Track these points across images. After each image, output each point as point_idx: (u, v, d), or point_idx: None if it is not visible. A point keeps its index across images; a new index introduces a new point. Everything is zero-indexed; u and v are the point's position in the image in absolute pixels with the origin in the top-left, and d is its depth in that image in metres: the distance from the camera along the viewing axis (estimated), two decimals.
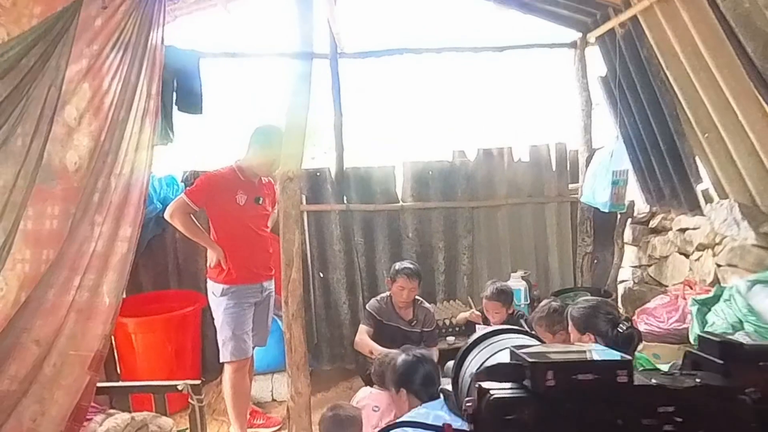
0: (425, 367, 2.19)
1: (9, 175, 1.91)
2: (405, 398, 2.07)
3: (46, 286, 1.97)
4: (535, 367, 0.63)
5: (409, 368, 2.17)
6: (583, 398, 0.61)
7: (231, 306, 3.01)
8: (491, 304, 3.36)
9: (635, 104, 3.59)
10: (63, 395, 1.84)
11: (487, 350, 0.82)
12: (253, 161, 3.04)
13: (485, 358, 0.80)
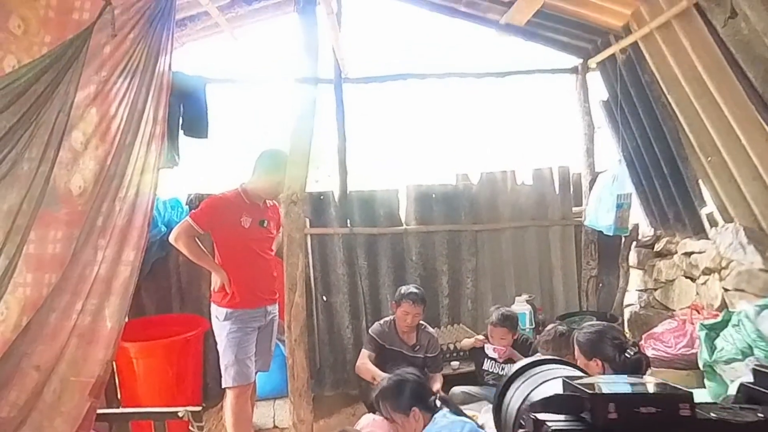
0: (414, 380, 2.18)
1: (15, 199, 1.92)
2: (419, 416, 2.05)
3: (48, 310, 1.96)
4: (595, 399, 0.62)
5: (402, 387, 2.15)
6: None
7: (234, 330, 2.98)
8: (497, 330, 3.33)
9: (637, 128, 3.61)
10: (62, 422, 1.81)
11: (531, 381, 0.82)
12: (258, 185, 3.05)
13: (531, 388, 0.79)
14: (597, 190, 3.91)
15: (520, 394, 0.79)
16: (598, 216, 3.81)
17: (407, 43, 6.23)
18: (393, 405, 2.12)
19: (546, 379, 0.77)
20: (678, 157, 3.35)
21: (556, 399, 0.68)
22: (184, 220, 3.03)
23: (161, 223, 3.65)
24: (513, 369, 0.87)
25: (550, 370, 0.82)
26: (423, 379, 2.23)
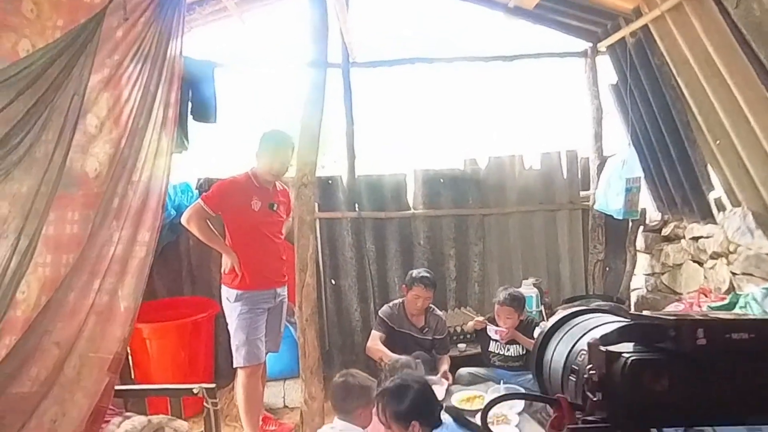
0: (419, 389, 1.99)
1: (33, 181, 1.96)
2: (419, 430, 1.90)
3: (67, 289, 2.01)
4: (682, 325, 0.59)
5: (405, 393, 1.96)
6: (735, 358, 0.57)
7: (245, 311, 3.04)
8: (504, 309, 3.36)
9: (646, 112, 3.60)
10: (83, 397, 1.87)
11: (574, 331, 0.78)
12: (262, 166, 3.08)
13: (577, 338, 0.76)
14: (606, 174, 3.92)
15: (564, 346, 0.76)
16: (607, 200, 3.82)
17: (415, 27, 6.21)
18: (393, 412, 1.95)
19: (591, 327, 0.74)
20: (686, 141, 3.34)
21: (627, 330, 0.64)
22: (196, 202, 3.07)
23: (171, 207, 3.70)
24: (547, 325, 0.84)
25: (590, 319, 0.79)
26: (429, 387, 2.06)
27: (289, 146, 3.07)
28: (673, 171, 3.59)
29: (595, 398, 0.61)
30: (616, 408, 0.60)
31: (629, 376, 0.59)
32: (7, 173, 1.97)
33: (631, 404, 0.59)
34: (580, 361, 0.70)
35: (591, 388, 0.62)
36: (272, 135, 3.10)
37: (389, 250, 4.19)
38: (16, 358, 1.92)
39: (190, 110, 3.49)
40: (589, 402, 0.63)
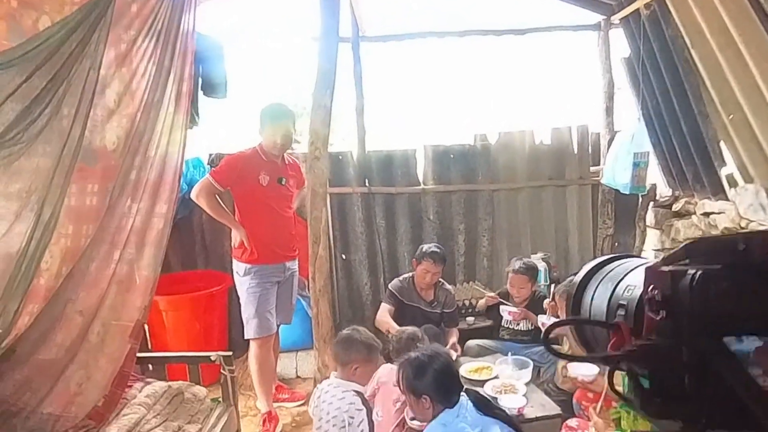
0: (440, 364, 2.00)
1: (53, 154, 2.01)
2: (429, 405, 1.94)
3: (88, 259, 2.08)
4: (752, 237, 0.57)
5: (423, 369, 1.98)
6: None
7: (254, 285, 3.10)
8: (517, 278, 3.39)
9: (658, 86, 3.56)
10: (106, 362, 1.95)
11: (615, 272, 0.76)
12: (266, 141, 3.09)
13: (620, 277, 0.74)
14: (614, 148, 3.90)
15: (605, 288, 0.74)
16: (615, 174, 3.82)
17: (426, 1, 6.12)
18: (408, 383, 2.01)
19: (634, 267, 0.72)
20: (698, 115, 3.32)
21: (693, 248, 0.61)
22: (204, 177, 3.11)
23: (184, 183, 3.73)
24: (581, 273, 0.81)
25: (628, 262, 0.76)
26: (452, 368, 2.05)
27: (288, 119, 3.06)
28: (684, 146, 3.57)
29: (659, 317, 0.60)
30: (681, 324, 0.58)
31: (698, 290, 0.57)
32: (28, 146, 2.02)
33: (698, 319, 0.57)
34: (628, 295, 0.69)
35: (653, 307, 0.61)
36: (271, 109, 3.09)
37: (399, 225, 4.23)
38: (42, 326, 2.00)
39: (200, 85, 3.50)
40: (651, 323, 0.61)
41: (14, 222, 2.00)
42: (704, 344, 0.57)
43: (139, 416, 1.97)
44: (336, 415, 2.07)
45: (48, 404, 1.87)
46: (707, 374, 0.57)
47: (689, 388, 0.58)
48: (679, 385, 0.59)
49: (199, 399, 2.24)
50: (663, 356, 0.60)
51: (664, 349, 0.60)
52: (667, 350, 0.59)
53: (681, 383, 0.59)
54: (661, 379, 0.61)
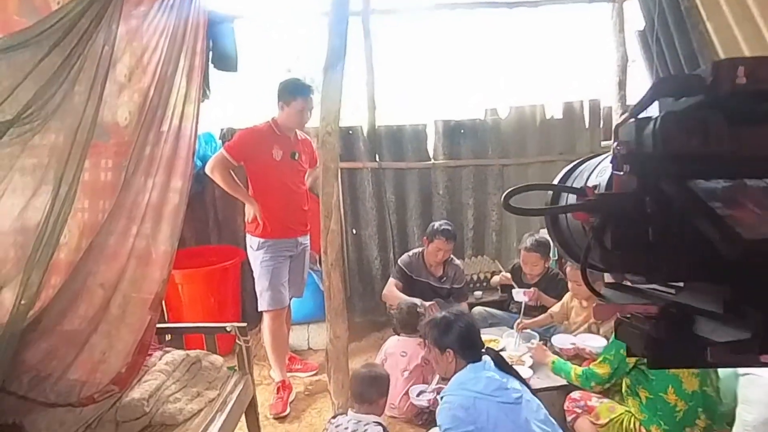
0: (464, 322, 2.13)
1: (69, 131, 2.04)
2: (452, 358, 2.07)
3: (107, 233, 2.13)
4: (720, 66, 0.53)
5: (450, 326, 2.12)
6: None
7: (267, 259, 3.16)
8: (530, 255, 3.41)
9: (672, 59, 3.51)
10: (128, 333, 2.02)
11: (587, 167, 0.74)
12: (283, 116, 3.11)
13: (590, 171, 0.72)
14: None
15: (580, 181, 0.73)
16: None
17: None
18: (434, 339, 2.15)
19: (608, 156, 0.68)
20: None
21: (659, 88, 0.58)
22: (219, 152, 3.14)
23: (196, 158, 3.77)
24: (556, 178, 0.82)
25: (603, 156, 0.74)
26: (475, 327, 2.17)
27: (308, 94, 3.09)
28: None
29: (622, 173, 0.58)
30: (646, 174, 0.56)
31: (661, 132, 0.54)
32: (45, 123, 2.06)
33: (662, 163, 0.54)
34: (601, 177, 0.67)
35: (618, 163, 0.58)
36: (291, 84, 3.11)
37: (409, 200, 4.25)
38: (65, 298, 2.07)
39: (210, 59, 3.50)
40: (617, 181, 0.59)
41: (32, 197, 2.05)
42: (668, 188, 0.54)
43: (160, 382, 2.05)
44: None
45: (74, 371, 1.95)
46: (671, 223, 0.55)
47: (653, 238, 0.56)
48: (641, 237, 0.57)
49: (216, 367, 2.32)
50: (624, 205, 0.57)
51: (625, 197, 0.58)
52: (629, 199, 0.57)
53: (643, 236, 0.56)
54: (622, 233, 0.59)
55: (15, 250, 2.07)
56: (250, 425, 2.48)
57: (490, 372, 2.00)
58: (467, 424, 1.85)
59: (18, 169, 2.05)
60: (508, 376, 2.04)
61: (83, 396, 1.92)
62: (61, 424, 1.88)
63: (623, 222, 0.59)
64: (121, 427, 1.91)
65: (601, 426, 2.35)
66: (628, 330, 0.64)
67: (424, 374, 2.91)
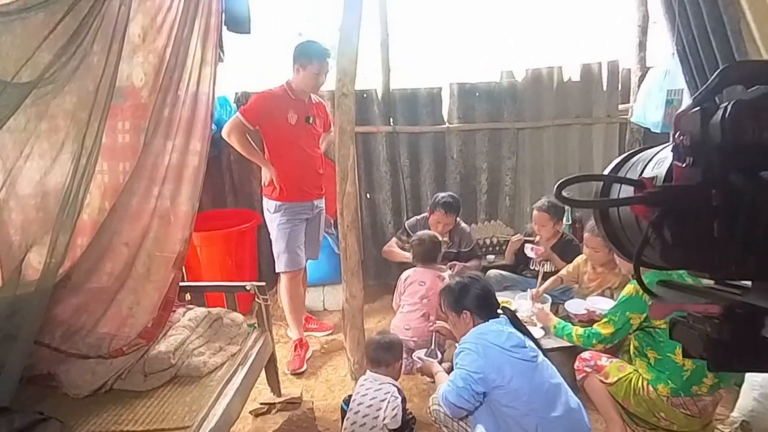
0: (480, 286, 2.16)
1: (88, 92, 2.07)
2: (469, 319, 2.10)
3: (129, 194, 2.18)
4: None
5: (466, 289, 2.15)
6: None
7: (284, 222, 3.21)
8: (541, 215, 3.41)
9: (695, 18, 3.39)
10: (153, 289, 2.10)
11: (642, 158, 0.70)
12: (298, 79, 3.10)
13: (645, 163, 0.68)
14: (647, 85, 3.79)
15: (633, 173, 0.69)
16: (646, 112, 3.73)
17: None
18: (449, 303, 2.17)
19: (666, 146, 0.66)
20: (736, 52, 3.17)
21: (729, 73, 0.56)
22: (234, 116, 3.15)
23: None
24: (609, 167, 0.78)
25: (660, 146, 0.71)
26: (491, 290, 2.18)
27: (324, 58, 3.06)
28: None
29: (684, 164, 0.55)
30: (712, 165, 0.52)
31: (730, 122, 0.51)
32: (64, 84, 2.09)
33: (731, 154, 0.51)
34: (658, 169, 0.63)
35: (681, 155, 0.55)
36: (307, 46, 3.08)
37: (423, 164, 4.25)
38: (92, 256, 2.15)
39: (224, 21, 3.47)
40: (678, 172, 0.56)
41: (56, 158, 2.11)
42: (738, 180, 0.51)
43: (184, 337, 2.14)
44: (371, 404, 2.21)
45: (103, 325, 2.04)
46: (740, 217, 0.51)
47: (718, 234, 0.53)
48: (705, 232, 0.53)
49: (237, 324, 2.40)
50: (688, 198, 0.54)
51: (689, 190, 0.54)
52: (693, 192, 0.54)
53: (708, 231, 0.53)
54: (685, 227, 0.55)
55: (38, 212, 2.14)
56: (270, 379, 2.58)
57: (510, 328, 2.04)
58: (483, 368, 1.90)
59: (41, 132, 2.10)
60: (522, 336, 2.08)
61: (113, 348, 2.02)
62: (93, 374, 1.98)
63: (687, 216, 0.55)
64: (149, 377, 2.00)
65: (610, 385, 2.40)
66: (685, 330, 0.62)
67: None
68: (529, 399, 1.87)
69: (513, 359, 1.91)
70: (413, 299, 3.01)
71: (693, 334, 0.61)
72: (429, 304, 2.97)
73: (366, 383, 2.31)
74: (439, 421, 2.08)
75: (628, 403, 2.35)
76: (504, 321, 2.07)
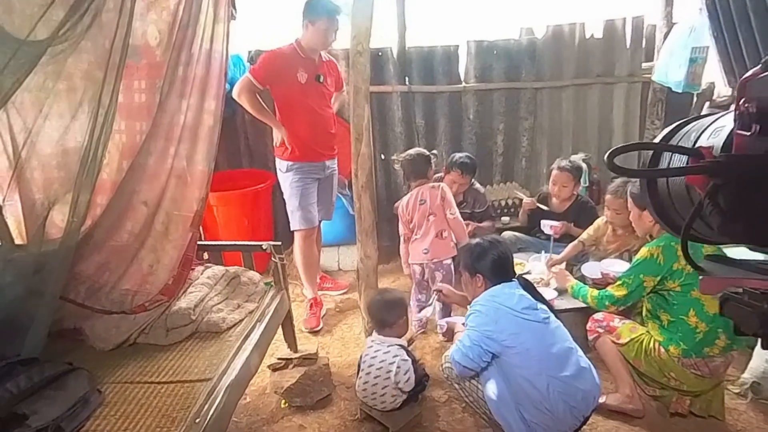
0: (498, 251, 2.11)
1: (102, 50, 2.06)
2: (482, 283, 2.10)
3: (146, 154, 2.20)
4: None
5: (484, 253, 2.10)
6: None
7: (296, 181, 3.21)
8: (561, 175, 3.37)
9: None
10: (172, 248, 2.14)
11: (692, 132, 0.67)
12: (307, 36, 3.03)
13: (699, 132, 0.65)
14: (670, 42, 3.65)
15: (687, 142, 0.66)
16: (668, 70, 3.61)
17: None
18: (466, 263, 2.16)
19: (722, 115, 0.63)
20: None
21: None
22: (245, 75, 3.12)
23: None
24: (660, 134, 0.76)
25: (716, 115, 0.68)
26: (509, 256, 2.13)
27: (334, 14, 2.98)
28: (751, 40, 3.29)
29: (750, 133, 0.52)
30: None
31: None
32: (78, 42, 2.08)
33: None
34: (714, 138, 0.60)
35: (745, 123, 0.53)
36: (316, 2, 2.98)
37: (438, 124, 4.20)
38: (112, 215, 2.19)
39: None
40: (741, 141, 0.52)
41: (74, 117, 2.12)
42: None
43: (203, 294, 2.20)
44: (381, 366, 2.25)
45: (125, 282, 2.11)
46: None
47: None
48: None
49: (254, 282, 2.45)
50: (753, 168, 0.51)
51: (756, 159, 0.50)
52: (760, 162, 0.50)
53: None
54: (748, 199, 0.52)
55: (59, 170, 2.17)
56: (287, 336, 2.65)
57: (521, 291, 2.05)
58: (494, 328, 1.92)
59: (59, 91, 2.11)
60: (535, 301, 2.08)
61: (135, 304, 2.08)
62: (117, 328, 2.05)
63: (750, 187, 0.52)
64: (170, 332, 2.07)
65: (621, 345, 2.43)
66: (738, 307, 0.59)
67: (444, 209, 2.98)
68: (540, 359, 1.90)
69: (524, 321, 1.93)
70: (420, 222, 3.01)
71: (747, 311, 0.58)
72: (437, 219, 2.97)
73: (374, 345, 2.34)
74: (450, 379, 2.12)
75: (639, 363, 2.38)
76: (515, 284, 2.07)
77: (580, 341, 2.50)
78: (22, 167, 2.14)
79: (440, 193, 2.96)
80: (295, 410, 2.47)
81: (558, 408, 1.89)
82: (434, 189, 2.99)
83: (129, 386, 1.80)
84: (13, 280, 1.98)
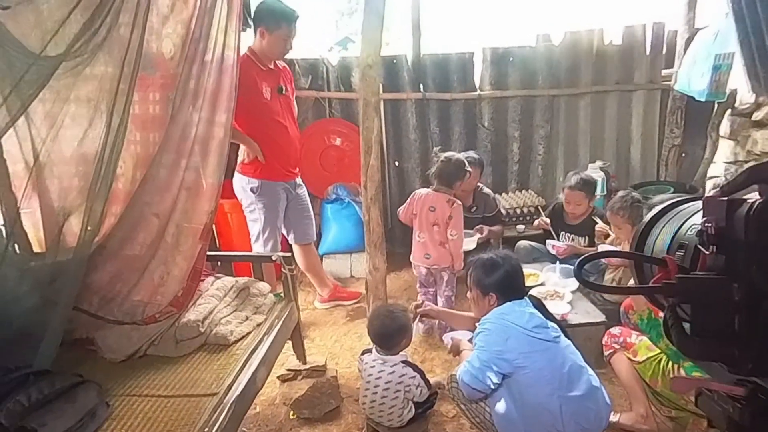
0: (510, 268, 2.05)
1: (116, 63, 2.08)
2: (494, 302, 2.02)
3: (158, 166, 2.22)
4: None
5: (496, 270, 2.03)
6: None
7: (268, 202, 3.01)
8: (574, 194, 3.31)
9: None
10: (182, 259, 2.16)
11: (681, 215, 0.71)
12: (263, 44, 2.77)
13: (684, 219, 0.69)
14: (693, 49, 3.56)
15: (669, 229, 0.69)
16: (690, 79, 3.52)
17: None
18: (477, 279, 2.07)
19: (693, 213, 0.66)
20: None
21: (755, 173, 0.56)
22: None
23: None
24: (648, 215, 0.77)
25: (689, 207, 0.71)
26: (520, 271, 2.07)
27: (294, 20, 2.75)
28: None
29: (708, 251, 0.55)
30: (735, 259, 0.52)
31: (755, 220, 0.51)
32: (93, 55, 2.10)
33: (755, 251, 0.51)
34: (690, 234, 0.64)
35: (705, 241, 0.56)
36: (275, 7, 2.74)
37: (453, 132, 4.17)
38: (125, 226, 2.22)
39: None
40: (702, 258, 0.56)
41: (88, 128, 2.15)
42: (761, 280, 0.51)
43: (212, 306, 2.21)
44: (388, 387, 2.19)
45: (137, 293, 2.13)
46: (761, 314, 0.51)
47: (739, 329, 0.53)
48: (724, 325, 0.53)
49: (263, 294, 2.46)
50: (708, 292, 0.54)
51: (710, 284, 0.54)
52: (714, 286, 0.54)
53: (727, 324, 0.53)
54: (704, 318, 0.55)
55: (78, 180, 2.20)
56: (296, 347, 2.65)
57: (532, 309, 2.00)
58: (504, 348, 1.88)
59: (74, 101, 2.14)
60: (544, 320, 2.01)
61: (146, 315, 2.10)
62: (128, 339, 2.07)
63: (706, 308, 0.55)
64: (180, 344, 2.09)
65: (638, 363, 2.36)
66: (710, 404, 0.63)
67: (447, 227, 2.98)
68: (551, 379, 1.86)
69: (535, 340, 1.89)
70: (425, 226, 3.02)
71: (717, 410, 0.61)
72: (440, 231, 2.99)
73: (377, 365, 2.23)
74: (457, 399, 2.09)
75: (655, 383, 2.31)
76: (526, 302, 2.03)
77: (595, 356, 2.45)
78: (39, 176, 2.18)
79: (451, 211, 2.94)
80: (303, 422, 2.46)
81: (570, 429, 1.84)
82: (448, 203, 2.96)
83: (136, 399, 1.82)
84: (29, 289, 2.01)
